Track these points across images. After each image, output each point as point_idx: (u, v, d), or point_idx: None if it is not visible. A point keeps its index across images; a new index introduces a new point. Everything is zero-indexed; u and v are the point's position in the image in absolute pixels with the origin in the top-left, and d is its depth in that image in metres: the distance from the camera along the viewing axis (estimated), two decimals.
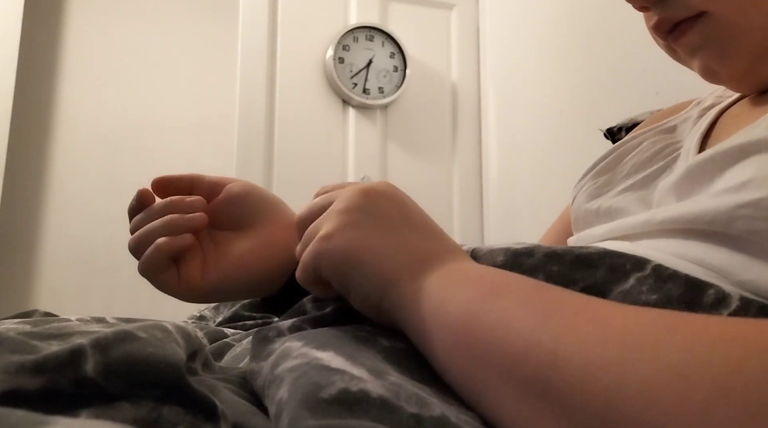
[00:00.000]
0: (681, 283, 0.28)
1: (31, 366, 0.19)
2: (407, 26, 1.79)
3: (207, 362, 0.31)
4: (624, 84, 1.26)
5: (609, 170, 0.47)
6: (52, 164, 1.75)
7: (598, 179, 0.47)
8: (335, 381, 0.22)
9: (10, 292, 1.66)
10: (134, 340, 0.22)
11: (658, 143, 0.45)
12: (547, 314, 0.24)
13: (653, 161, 0.44)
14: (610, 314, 0.23)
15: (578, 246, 0.33)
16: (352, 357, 0.25)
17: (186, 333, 0.27)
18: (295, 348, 0.27)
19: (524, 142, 1.63)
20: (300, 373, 0.24)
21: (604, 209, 0.44)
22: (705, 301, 0.27)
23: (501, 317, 0.25)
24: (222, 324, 0.63)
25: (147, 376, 0.22)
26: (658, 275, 0.29)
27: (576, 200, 0.49)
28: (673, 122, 0.48)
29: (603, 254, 0.31)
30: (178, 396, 0.23)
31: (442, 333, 0.27)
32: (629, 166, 0.45)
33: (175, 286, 0.45)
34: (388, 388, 0.23)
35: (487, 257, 0.34)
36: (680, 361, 0.20)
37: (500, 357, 0.24)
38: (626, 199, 0.43)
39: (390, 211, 0.34)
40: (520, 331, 0.24)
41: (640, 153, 0.45)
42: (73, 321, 0.41)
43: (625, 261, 0.30)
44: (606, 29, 1.34)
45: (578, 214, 0.48)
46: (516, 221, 1.65)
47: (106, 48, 1.83)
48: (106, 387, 0.21)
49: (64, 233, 1.72)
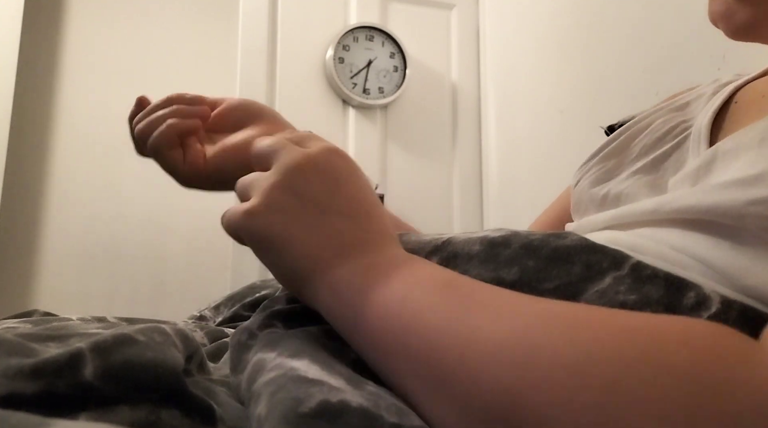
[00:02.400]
0: (660, 284, 0.28)
1: (29, 370, 0.19)
2: (407, 26, 1.79)
3: (202, 364, 0.31)
4: (624, 84, 1.26)
5: (618, 154, 0.45)
6: (52, 164, 1.74)
7: (606, 163, 0.45)
8: (314, 393, 0.22)
9: (10, 292, 1.66)
10: (133, 344, 0.22)
11: (668, 122, 0.43)
12: (454, 316, 0.25)
13: (663, 142, 0.42)
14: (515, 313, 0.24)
15: (555, 234, 0.32)
16: (328, 365, 0.25)
17: (184, 336, 0.27)
18: (269, 359, 0.26)
19: (524, 142, 1.63)
20: (277, 386, 0.23)
21: (612, 195, 0.42)
22: (685, 303, 0.27)
23: (408, 324, 0.26)
24: (222, 324, 0.63)
25: (146, 380, 0.22)
26: (637, 275, 0.28)
27: (580, 184, 0.47)
28: (686, 98, 0.46)
29: (580, 249, 0.30)
30: (176, 399, 0.23)
31: (357, 334, 0.29)
32: (639, 147, 0.43)
33: (180, 166, 0.50)
34: (367, 398, 0.23)
35: (463, 245, 0.33)
36: (576, 359, 0.21)
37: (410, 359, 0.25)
38: (636, 184, 0.41)
39: (318, 193, 0.33)
40: (426, 333, 0.25)
41: (650, 133, 0.43)
42: (74, 321, 0.41)
43: (602, 258, 0.30)
44: (606, 29, 1.34)
45: (581, 198, 0.46)
46: (516, 221, 1.65)
47: (106, 48, 1.83)
48: (105, 390, 0.21)
49: (64, 234, 1.72)
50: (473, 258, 0.32)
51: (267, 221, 0.32)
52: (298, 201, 0.32)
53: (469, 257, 0.32)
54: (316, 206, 0.32)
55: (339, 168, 0.34)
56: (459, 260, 0.32)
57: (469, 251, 0.32)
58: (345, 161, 0.35)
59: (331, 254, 0.31)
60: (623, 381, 0.20)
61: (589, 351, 0.21)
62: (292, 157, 0.33)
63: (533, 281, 0.29)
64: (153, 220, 1.78)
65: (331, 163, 0.34)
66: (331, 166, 0.34)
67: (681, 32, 1.09)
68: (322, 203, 0.32)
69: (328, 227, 0.32)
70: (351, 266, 0.30)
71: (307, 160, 0.33)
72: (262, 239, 0.32)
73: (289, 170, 0.33)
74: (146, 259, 1.76)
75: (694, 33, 1.05)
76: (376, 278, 0.29)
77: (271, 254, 0.32)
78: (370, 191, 0.35)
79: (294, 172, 0.33)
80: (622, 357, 0.20)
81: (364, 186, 0.35)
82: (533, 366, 0.21)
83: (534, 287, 0.29)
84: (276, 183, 0.32)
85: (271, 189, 0.32)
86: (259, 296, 0.64)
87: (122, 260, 1.74)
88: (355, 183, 0.34)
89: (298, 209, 0.32)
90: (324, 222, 0.32)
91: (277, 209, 0.32)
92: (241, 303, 0.64)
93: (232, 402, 0.26)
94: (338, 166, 0.34)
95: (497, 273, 0.30)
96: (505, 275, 0.30)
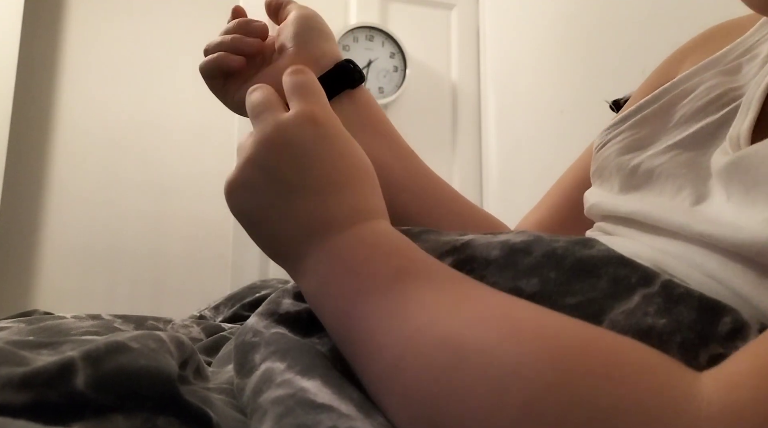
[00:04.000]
0: (694, 306, 0.25)
1: (18, 380, 0.19)
2: (407, 26, 1.78)
3: (199, 368, 0.30)
4: (624, 84, 1.26)
5: (655, 120, 0.39)
6: (52, 164, 1.74)
7: (639, 129, 0.39)
8: (322, 421, 0.21)
9: (10, 291, 1.66)
10: (126, 351, 0.22)
11: (715, 89, 0.37)
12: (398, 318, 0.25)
13: (707, 112, 0.36)
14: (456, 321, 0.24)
15: (581, 242, 0.30)
16: (339, 387, 0.24)
17: (179, 342, 0.26)
18: (277, 371, 0.25)
19: (524, 142, 1.63)
20: (285, 409, 0.22)
21: (644, 169, 0.37)
22: (720, 331, 0.24)
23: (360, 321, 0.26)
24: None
25: (139, 388, 0.21)
26: (668, 293, 0.26)
27: (606, 148, 0.41)
28: (737, 58, 0.39)
29: (606, 261, 0.28)
30: (172, 407, 0.23)
31: (325, 322, 0.29)
32: (679, 115, 0.38)
33: (217, 92, 0.51)
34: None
35: (482, 249, 0.31)
36: (500, 374, 0.20)
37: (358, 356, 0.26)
38: (672, 161, 0.36)
39: (288, 170, 0.32)
40: (374, 333, 0.25)
41: (693, 100, 0.38)
42: (68, 319, 0.41)
43: (630, 273, 0.27)
44: (606, 29, 1.33)
45: (606, 164, 0.41)
46: (516, 221, 1.65)
47: (106, 48, 1.83)
48: (98, 400, 0.21)
49: (65, 233, 1.72)
50: (491, 264, 0.30)
51: (241, 198, 0.33)
52: (268, 179, 0.32)
53: (486, 262, 0.30)
54: (285, 185, 0.31)
55: (310, 139, 0.32)
56: (476, 264, 0.30)
57: (487, 255, 0.30)
58: (319, 129, 0.33)
59: (302, 238, 0.31)
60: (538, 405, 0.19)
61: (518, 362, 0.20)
62: (265, 129, 0.33)
63: (554, 295, 0.27)
64: (153, 220, 1.78)
65: (303, 134, 0.32)
66: (302, 138, 0.32)
67: (682, 32, 1.09)
68: (291, 182, 0.31)
69: (298, 209, 0.31)
70: (316, 253, 0.30)
71: (278, 132, 0.32)
72: (237, 214, 0.33)
73: (261, 145, 0.32)
74: (146, 259, 1.75)
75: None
76: (333, 267, 0.29)
77: (249, 229, 0.33)
78: (349, 161, 0.33)
79: (265, 146, 0.32)
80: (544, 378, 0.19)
81: (339, 157, 0.33)
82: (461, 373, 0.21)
83: (555, 301, 0.27)
84: (249, 158, 0.32)
85: (245, 164, 0.32)
86: (259, 296, 0.64)
87: (122, 260, 1.74)
88: (328, 154, 0.32)
89: (268, 187, 0.32)
90: (293, 203, 0.31)
91: (249, 187, 0.32)
92: (241, 303, 0.64)
93: (230, 412, 0.26)
94: (309, 137, 0.32)
95: (515, 283, 0.29)
96: (524, 286, 0.28)
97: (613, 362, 0.20)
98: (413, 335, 0.24)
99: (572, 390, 0.19)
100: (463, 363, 0.21)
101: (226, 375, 0.33)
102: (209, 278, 1.77)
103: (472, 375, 0.21)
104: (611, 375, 0.19)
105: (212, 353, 0.44)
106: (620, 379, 0.19)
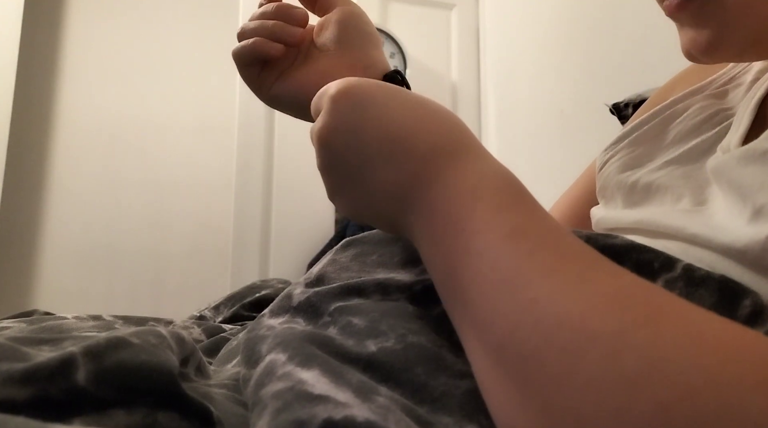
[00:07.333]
0: (714, 288, 0.25)
1: (19, 376, 0.19)
2: (407, 26, 1.79)
3: (200, 366, 0.30)
4: (624, 84, 1.26)
5: (650, 139, 0.41)
6: (52, 163, 1.74)
7: (636, 148, 0.41)
8: (317, 413, 0.21)
9: (10, 292, 1.66)
10: (127, 347, 0.22)
11: (707, 109, 0.39)
12: (511, 285, 0.23)
13: (701, 130, 0.38)
14: (582, 298, 0.21)
15: (603, 234, 0.30)
16: (337, 374, 0.24)
17: (180, 339, 0.26)
18: (279, 363, 0.25)
19: (524, 142, 1.63)
20: (283, 403, 0.22)
21: (642, 184, 0.39)
22: (740, 314, 0.24)
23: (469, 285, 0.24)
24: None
25: (140, 384, 0.21)
26: (689, 276, 0.26)
27: (606, 168, 0.43)
28: (724, 86, 0.42)
29: (630, 248, 0.29)
30: (173, 402, 0.23)
31: (435, 279, 0.28)
32: (673, 133, 0.40)
33: (251, 82, 0.49)
34: (375, 411, 0.22)
35: None
36: (634, 366, 0.18)
37: (468, 321, 0.24)
38: (670, 175, 0.37)
39: (345, 155, 0.31)
40: (485, 301, 0.23)
41: (686, 119, 0.40)
42: (69, 319, 0.41)
43: (652, 258, 0.28)
44: (606, 29, 1.33)
45: (607, 183, 0.43)
46: None
47: (105, 48, 1.83)
48: (99, 395, 0.21)
49: (64, 233, 1.72)
50: None
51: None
52: (338, 177, 0.32)
53: None
54: (351, 179, 0.31)
55: (354, 120, 0.31)
56: None
57: None
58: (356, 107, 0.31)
59: (386, 216, 0.31)
60: (675, 411, 0.17)
61: (659, 357, 0.18)
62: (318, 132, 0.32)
63: None
64: (153, 220, 1.78)
65: (343, 125, 0.31)
66: (345, 127, 0.31)
67: None
68: (352, 164, 0.31)
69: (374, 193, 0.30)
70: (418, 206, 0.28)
71: (323, 127, 0.32)
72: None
73: (319, 147, 0.33)
74: (146, 259, 1.76)
75: None
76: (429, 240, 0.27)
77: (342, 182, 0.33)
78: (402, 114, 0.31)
79: (322, 148, 0.32)
80: (687, 379, 0.17)
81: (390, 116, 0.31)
82: (581, 361, 0.19)
83: None
84: (318, 164, 0.33)
85: (320, 169, 0.33)
86: (259, 296, 0.64)
87: (122, 260, 1.74)
88: (377, 122, 0.30)
89: (338, 173, 0.32)
90: (362, 187, 0.31)
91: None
92: (241, 303, 0.64)
93: (230, 406, 0.26)
94: (351, 119, 0.31)
95: None
96: None
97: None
98: (529, 306, 0.22)
99: (719, 398, 0.17)
100: (592, 344, 0.19)
101: (228, 372, 0.33)
102: (209, 278, 1.77)
103: (600, 361, 0.19)
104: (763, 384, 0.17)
105: (213, 354, 0.44)
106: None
